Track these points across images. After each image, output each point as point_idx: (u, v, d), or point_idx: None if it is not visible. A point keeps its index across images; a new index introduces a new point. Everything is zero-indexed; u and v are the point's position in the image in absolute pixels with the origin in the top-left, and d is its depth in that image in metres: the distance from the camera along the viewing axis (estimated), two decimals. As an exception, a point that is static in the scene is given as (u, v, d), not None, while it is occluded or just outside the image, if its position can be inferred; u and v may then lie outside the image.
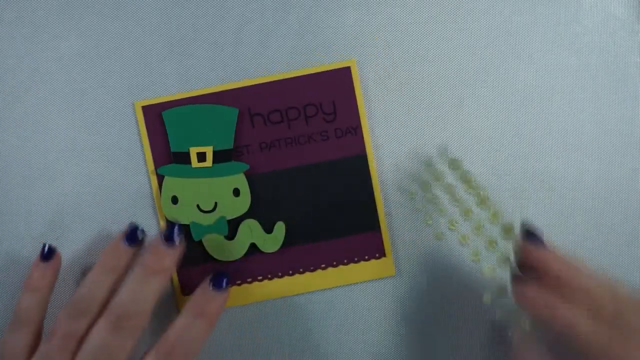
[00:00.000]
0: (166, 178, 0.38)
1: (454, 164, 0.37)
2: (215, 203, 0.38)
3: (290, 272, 0.39)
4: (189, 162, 0.38)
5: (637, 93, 0.39)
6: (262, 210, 0.38)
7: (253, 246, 0.38)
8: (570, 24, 0.39)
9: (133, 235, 0.35)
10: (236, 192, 0.38)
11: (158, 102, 0.38)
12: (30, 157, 0.39)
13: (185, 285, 0.39)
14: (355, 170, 0.38)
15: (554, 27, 0.39)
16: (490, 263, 0.37)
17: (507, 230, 0.37)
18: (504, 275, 0.36)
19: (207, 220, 0.38)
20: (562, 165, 0.39)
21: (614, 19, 0.39)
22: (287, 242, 0.39)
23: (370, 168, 0.38)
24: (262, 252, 0.38)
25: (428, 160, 0.38)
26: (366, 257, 0.39)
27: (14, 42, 0.39)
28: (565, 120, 0.39)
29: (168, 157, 0.38)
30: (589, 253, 0.38)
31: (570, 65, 0.39)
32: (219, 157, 0.38)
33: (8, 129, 0.39)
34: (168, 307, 0.38)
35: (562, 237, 0.37)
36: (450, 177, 0.38)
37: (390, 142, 0.39)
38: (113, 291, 0.33)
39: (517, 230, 0.34)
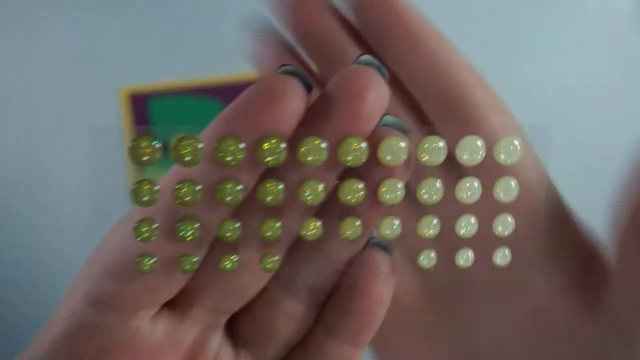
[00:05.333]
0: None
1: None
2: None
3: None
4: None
5: (643, 89, 0.38)
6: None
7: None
8: (575, 20, 0.38)
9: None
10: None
11: (145, 89, 0.38)
12: (29, 158, 0.40)
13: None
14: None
15: (559, 22, 0.38)
16: None
17: None
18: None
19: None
20: (568, 163, 0.37)
21: (619, 14, 0.38)
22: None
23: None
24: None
25: None
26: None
27: (13, 41, 0.40)
28: (571, 116, 0.38)
29: (150, 147, 0.38)
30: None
31: (575, 61, 0.38)
32: (200, 151, 0.37)
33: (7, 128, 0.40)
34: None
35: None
36: None
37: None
38: None
39: None
